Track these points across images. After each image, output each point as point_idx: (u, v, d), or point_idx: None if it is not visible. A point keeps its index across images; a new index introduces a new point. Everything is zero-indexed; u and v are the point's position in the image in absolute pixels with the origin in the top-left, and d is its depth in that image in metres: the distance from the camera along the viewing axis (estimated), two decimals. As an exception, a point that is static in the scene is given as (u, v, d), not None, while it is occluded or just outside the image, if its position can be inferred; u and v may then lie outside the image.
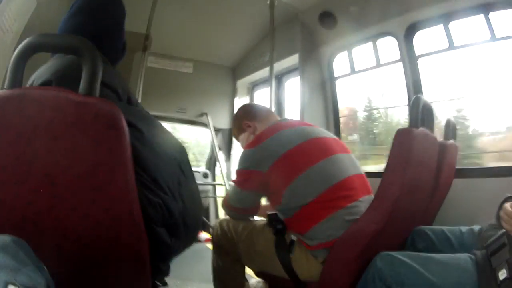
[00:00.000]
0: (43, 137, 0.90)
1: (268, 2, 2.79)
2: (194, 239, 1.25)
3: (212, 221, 3.81)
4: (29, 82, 1.08)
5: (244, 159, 1.57)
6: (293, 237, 1.48)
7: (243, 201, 1.62)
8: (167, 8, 2.82)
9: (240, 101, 3.93)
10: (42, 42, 0.96)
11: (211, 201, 4.03)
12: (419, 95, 1.52)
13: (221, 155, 3.87)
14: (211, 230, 2.80)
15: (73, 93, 0.90)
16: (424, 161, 1.49)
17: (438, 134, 1.73)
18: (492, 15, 2.05)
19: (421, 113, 1.48)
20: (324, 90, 2.99)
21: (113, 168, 0.90)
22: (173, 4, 2.87)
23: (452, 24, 2.23)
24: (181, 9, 2.95)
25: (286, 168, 1.47)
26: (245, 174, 1.56)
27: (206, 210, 3.97)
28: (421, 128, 1.45)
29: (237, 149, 3.70)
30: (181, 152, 1.19)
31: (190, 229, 1.16)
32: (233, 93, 3.96)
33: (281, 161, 1.48)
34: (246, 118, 1.80)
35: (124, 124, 0.90)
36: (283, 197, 1.47)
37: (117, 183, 0.90)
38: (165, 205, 1.03)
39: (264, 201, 1.76)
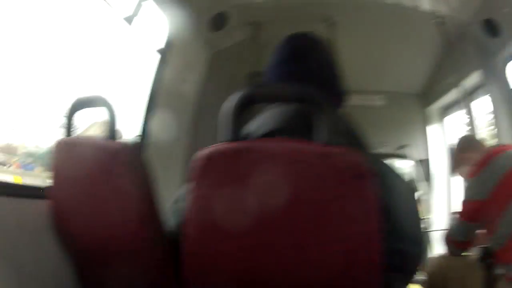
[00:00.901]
0: (279, 191, 0.87)
1: (434, 21, 2.72)
2: None
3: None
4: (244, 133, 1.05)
5: (465, 190, 1.63)
6: (501, 271, 1.45)
7: (462, 233, 1.63)
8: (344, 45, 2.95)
9: (432, 129, 3.78)
10: (263, 93, 0.95)
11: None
12: None
13: (423, 187, 3.74)
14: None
15: (312, 143, 0.87)
16: None
17: None
18: None
19: None
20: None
21: (359, 219, 0.86)
22: (347, 41, 2.99)
23: None
24: (354, 43, 3.05)
25: (502, 193, 1.47)
26: (466, 205, 1.60)
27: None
28: None
29: (438, 179, 3.55)
30: (413, 192, 1.14)
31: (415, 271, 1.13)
32: (425, 120, 3.84)
33: (499, 187, 1.49)
34: (461, 151, 1.84)
35: (371, 173, 0.85)
36: (496, 225, 1.47)
37: (362, 234, 0.86)
38: (404, 251, 0.97)
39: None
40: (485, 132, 3.21)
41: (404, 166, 3.99)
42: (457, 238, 1.63)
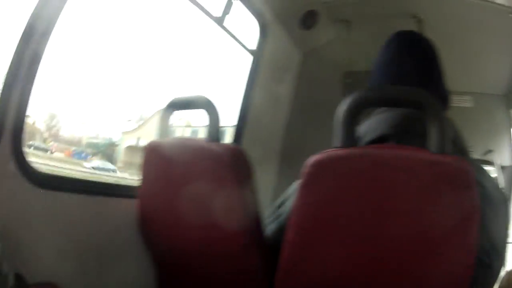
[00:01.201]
0: (388, 199, 0.85)
1: (510, 15, 2.51)
2: None
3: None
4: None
5: None
6: None
7: None
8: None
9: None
10: (376, 97, 0.92)
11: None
12: None
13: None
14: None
15: (424, 151, 0.84)
16: None
17: None
18: None
19: None
20: None
21: (460, 231, 0.82)
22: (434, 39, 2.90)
23: None
24: (440, 41, 2.94)
25: None
26: None
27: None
28: None
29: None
30: (508, 205, 1.05)
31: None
32: (510, 123, 3.58)
33: None
34: None
35: (476, 184, 0.81)
36: None
37: (460, 247, 0.82)
38: (488, 265, 0.92)
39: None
40: None
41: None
42: None
